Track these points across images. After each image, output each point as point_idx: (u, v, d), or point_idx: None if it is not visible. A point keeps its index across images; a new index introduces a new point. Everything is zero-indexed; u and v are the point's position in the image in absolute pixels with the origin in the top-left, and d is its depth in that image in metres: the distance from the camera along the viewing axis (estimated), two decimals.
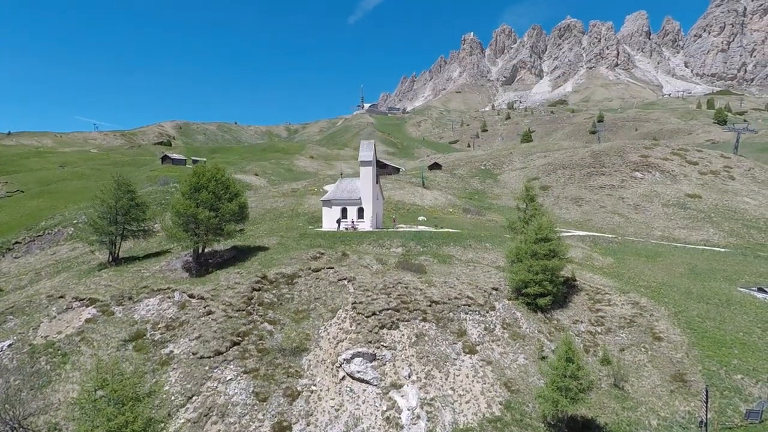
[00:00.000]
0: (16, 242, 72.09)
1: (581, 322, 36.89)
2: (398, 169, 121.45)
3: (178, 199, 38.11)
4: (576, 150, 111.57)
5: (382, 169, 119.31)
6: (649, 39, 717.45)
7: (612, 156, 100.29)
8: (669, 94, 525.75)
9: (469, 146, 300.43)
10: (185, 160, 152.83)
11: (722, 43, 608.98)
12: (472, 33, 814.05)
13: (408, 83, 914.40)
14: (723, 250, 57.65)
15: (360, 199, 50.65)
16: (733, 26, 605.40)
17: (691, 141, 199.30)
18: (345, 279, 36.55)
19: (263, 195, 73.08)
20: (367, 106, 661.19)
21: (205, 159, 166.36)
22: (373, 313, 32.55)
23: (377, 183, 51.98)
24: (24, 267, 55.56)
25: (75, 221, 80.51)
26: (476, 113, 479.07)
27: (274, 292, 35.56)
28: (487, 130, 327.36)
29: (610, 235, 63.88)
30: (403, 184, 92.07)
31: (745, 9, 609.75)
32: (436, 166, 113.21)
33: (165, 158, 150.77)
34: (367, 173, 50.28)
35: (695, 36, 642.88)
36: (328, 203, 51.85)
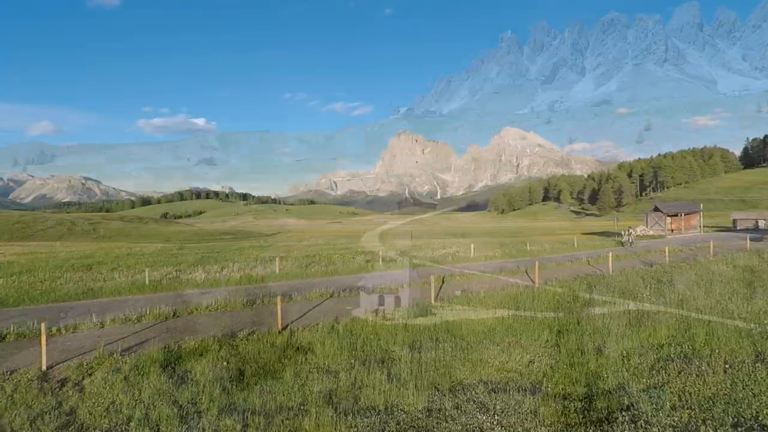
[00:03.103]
0: None
1: None
2: (434, 205, 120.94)
3: None
4: None
5: (418, 207, 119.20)
6: (702, 31, 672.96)
7: None
8: (725, 94, 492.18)
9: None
10: None
11: None
12: (510, 31, 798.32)
13: (444, 84, 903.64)
14: None
15: None
16: None
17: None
18: None
19: None
20: (403, 110, 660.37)
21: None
22: None
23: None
24: None
25: None
26: (513, 116, 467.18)
27: None
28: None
29: None
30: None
31: None
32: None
33: None
34: None
35: (754, 26, 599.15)
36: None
